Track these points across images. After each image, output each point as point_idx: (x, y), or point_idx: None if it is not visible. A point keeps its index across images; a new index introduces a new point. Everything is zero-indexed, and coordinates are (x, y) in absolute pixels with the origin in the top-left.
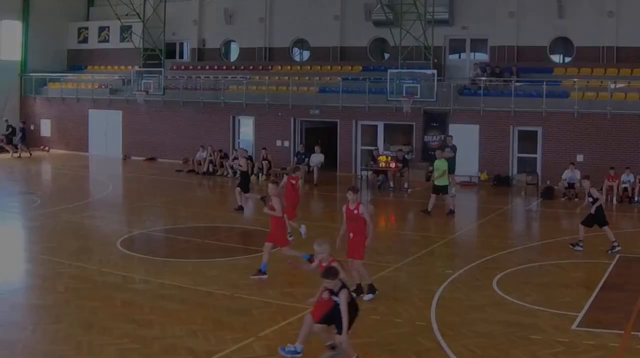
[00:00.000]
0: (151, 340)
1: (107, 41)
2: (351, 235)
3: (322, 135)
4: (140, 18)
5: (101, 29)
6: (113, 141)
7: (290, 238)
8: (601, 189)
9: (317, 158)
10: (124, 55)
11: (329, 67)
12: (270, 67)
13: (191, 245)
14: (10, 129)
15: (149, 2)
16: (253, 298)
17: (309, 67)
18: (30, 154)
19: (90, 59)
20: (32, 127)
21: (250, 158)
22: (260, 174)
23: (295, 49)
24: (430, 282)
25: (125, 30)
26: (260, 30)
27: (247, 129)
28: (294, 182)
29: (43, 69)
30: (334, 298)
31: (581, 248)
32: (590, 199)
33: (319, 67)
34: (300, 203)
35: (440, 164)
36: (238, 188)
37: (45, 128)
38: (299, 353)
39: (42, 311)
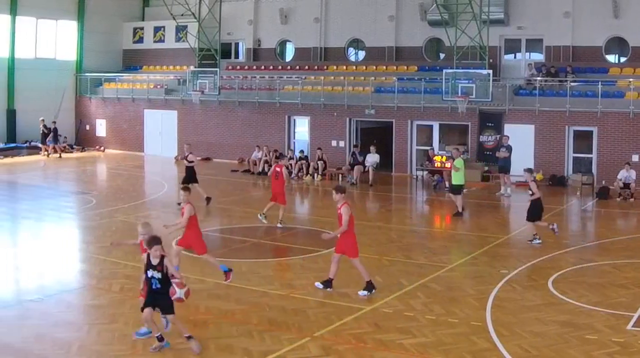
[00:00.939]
0: (206, 340)
1: (163, 41)
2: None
3: (377, 135)
4: (195, 18)
5: (156, 29)
6: (168, 141)
7: (265, 221)
8: None
9: (372, 158)
10: (180, 55)
11: (384, 67)
12: (325, 67)
13: (246, 245)
14: (45, 129)
15: (204, 2)
16: (308, 298)
17: (364, 67)
18: (60, 156)
19: (145, 59)
20: (87, 127)
21: (306, 158)
22: (315, 174)
23: (351, 49)
24: (486, 282)
25: (181, 30)
26: (316, 30)
27: (302, 128)
28: (278, 169)
29: (98, 69)
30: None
31: (540, 241)
32: (530, 192)
33: (374, 67)
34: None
35: (458, 163)
36: (194, 184)
37: (101, 128)
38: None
39: (97, 311)
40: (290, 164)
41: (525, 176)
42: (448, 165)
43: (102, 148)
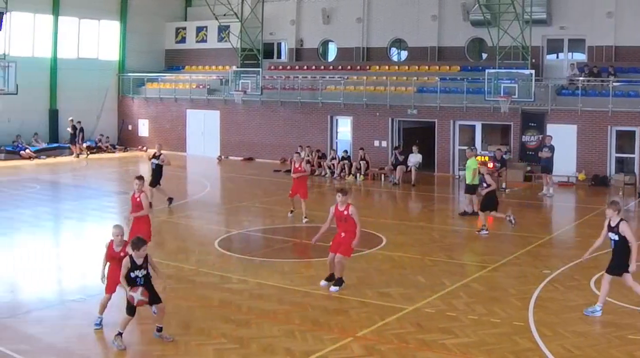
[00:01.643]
0: (249, 340)
1: (205, 41)
2: (343, 234)
3: (419, 135)
4: (238, 18)
5: (199, 29)
6: (210, 141)
7: (290, 216)
8: None
9: (414, 158)
10: (222, 55)
11: (426, 67)
12: (368, 67)
13: (289, 245)
14: (73, 130)
15: (246, 2)
16: (350, 298)
17: (406, 67)
18: (87, 156)
19: (187, 59)
20: (129, 127)
21: (349, 158)
22: (358, 175)
23: (393, 49)
24: (528, 282)
25: (223, 30)
26: (358, 30)
27: (344, 129)
28: (297, 165)
29: (141, 69)
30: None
31: (487, 232)
32: (485, 185)
33: (416, 67)
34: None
35: (471, 163)
36: (158, 186)
37: (143, 128)
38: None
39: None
40: (333, 164)
41: (481, 169)
42: (490, 165)
43: (144, 148)
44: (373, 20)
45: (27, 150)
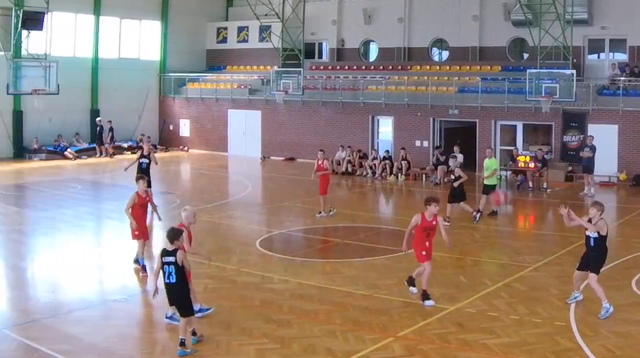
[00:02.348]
0: (290, 340)
1: (246, 41)
2: (427, 243)
3: (461, 135)
4: (279, 18)
5: (240, 29)
6: (252, 141)
7: (331, 214)
8: None
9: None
10: (263, 55)
11: (467, 67)
12: (409, 67)
13: (330, 245)
14: (102, 129)
15: (288, 2)
16: (392, 298)
17: (448, 67)
18: (112, 156)
19: (229, 59)
20: (171, 127)
21: (390, 158)
22: (399, 174)
23: (434, 49)
24: (569, 282)
25: (265, 30)
26: (399, 30)
27: (385, 128)
28: (320, 163)
29: (182, 69)
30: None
31: (448, 224)
32: (453, 177)
33: (457, 67)
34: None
35: (491, 163)
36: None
37: (184, 128)
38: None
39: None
40: (374, 164)
41: (451, 163)
42: (532, 165)
43: (185, 148)
44: (414, 20)
45: (68, 150)
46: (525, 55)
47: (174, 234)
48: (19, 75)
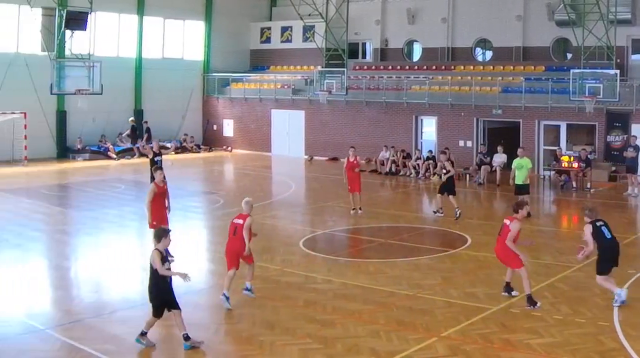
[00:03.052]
0: (333, 340)
1: (290, 41)
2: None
3: (504, 135)
4: (323, 18)
5: (284, 29)
6: (295, 141)
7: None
8: None
9: (499, 158)
10: (307, 55)
11: (511, 67)
12: (452, 67)
13: (373, 245)
14: (135, 130)
15: (331, 2)
16: (435, 298)
17: (491, 67)
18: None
19: (272, 59)
20: (214, 127)
21: (434, 158)
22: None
23: (478, 49)
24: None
25: (308, 30)
26: (443, 30)
27: (429, 128)
28: (352, 160)
29: (225, 69)
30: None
31: (442, 214)
32: (444, 171)
33: (501, 67)
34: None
35: (525, 162)
36: None
37: (228, 128)
38: None
39: (224, 311)
40: (418, 164)
41: (440, 157)
42: (575, 165)
43: (229, 148)
44: (458, 20)
45: (111, 149)
46: (569, 55)
47: (161, 233)
48: (63, 75)
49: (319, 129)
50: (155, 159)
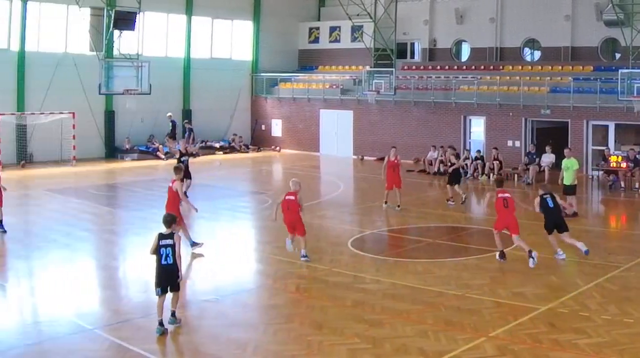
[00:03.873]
0: (382, 340)
1: (338, 41)
2: None
3: (552, 135)
4: (371, 18)
5: (332, 29)
6: (344, 141)
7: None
8: None
9: (547, 158)
10: (355, 55)
11: (559, 67)
12: (501, 67)
13: (422, 245)
14: (174, 127)
15: (380, 2)
16: (483, 298)
17: (539, 67)
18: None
19: (321, 59)
20: (263, 127)
21: (482, 158)
22: (491, 174)
23: (526, 49)
24: None
25: (357, 30)
26: (491, 30)
27: (478, 128)
28: (393, 158)
29: (274, 69)
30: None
31: (453, 203)
32: (449, 163)
33: (549, 67)
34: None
35: (571, 163)
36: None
37: (276, 128)
38: None
39: (273, 311)
40: (466, 164)
41: (448, 152)
42: (624, 165)
43: (277, 148)
44: (506, 20)
45: (160, 149)
46: (617, 55)
47: (171, 219)
48: (111, 75)
49: (367, 128)
50: (182, 158)
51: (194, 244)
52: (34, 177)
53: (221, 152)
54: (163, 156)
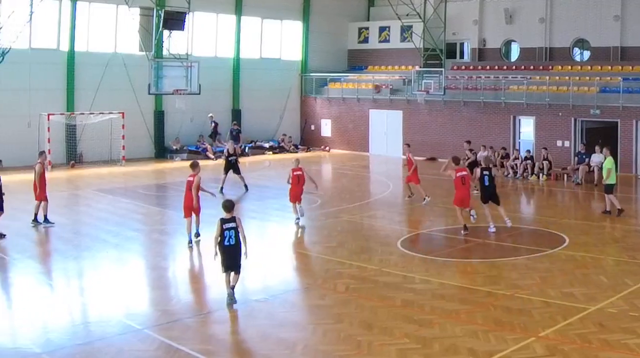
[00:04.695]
0: (431, 340)
1: (388, 41)
2: None
3: (602, 135)
4: (420, 18)
5: (382, 29)
6: (393, 141)
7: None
8: None
9: (597, 158)
10: (404, 55)
11: (609, 67)
12: (550, 67)
13: (471, 245)
14: (216, 125)
15: (429, 2)
16: (533, 298)
17: (589, 67)
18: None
19: (370, 59)
20: (312, 127)
21: (532, 158)
22: (540, 174)
23: (576, 49)
24: None
25: (406, 30)
26: (541, 30)
27: (527, 129)
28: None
29: (323, 69)
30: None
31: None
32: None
33: (599, 67)
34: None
35: (606, 163)
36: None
37: (326, 128)
38: None
39: (322, 311)
40: (516, 164)
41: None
42: None
43: (327, 148)
44: (556, 20)
45: (209, 149)
46: None
47: (231, 205)
48: (161, 76)
49: (416, 129)
50: (230, 158)
51: (197, 234)
52: (83, 177)
53: (270, 152)
54: (212, 156)
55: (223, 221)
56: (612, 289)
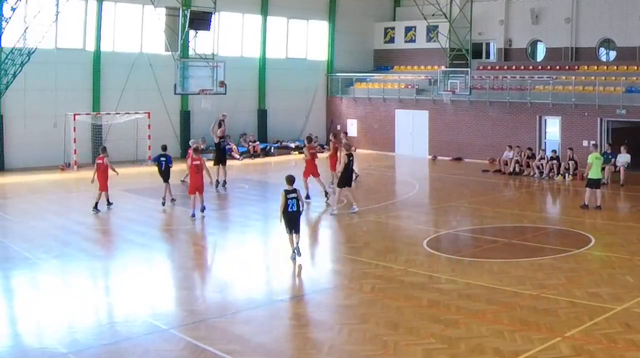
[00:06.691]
0: (457, 340)
1: (414, 41)
2: None
3: (628, 135)
4: (446, 18)
5: (407, 29)
6: (419, 141)
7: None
8: None
9: (623, 158)
10: (430, 55)
11: (635, 67)
12: (576, 67)
13: (497, 245)
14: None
15: (455, 2)
16: (559, 298)
17: (615, 67)
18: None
19: (396, 59)
20: (338, 127)
21: (557, 158)
22: (566, 174)
23: (602, 49)
24: None
25: (432, 30)
26: (567, 30)
27: (553, 129)
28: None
29: (349, 69)
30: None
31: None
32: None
33: (625, 67)
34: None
35: (589, 159)
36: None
37: (352, 128)
38: None
39: (348, 311)
40: (542, 164)
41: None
42: None
43: (353, 148)
44: (582, 20)
45: (235, 149)
46: None
47: (293, 179)
48: (186, 76)
49: (442, 128)
50: (221, 144)
51: (203, 209)
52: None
53: (296, 152)
54: (238, 156)
55: (287, 192)
56: (638, 289)
